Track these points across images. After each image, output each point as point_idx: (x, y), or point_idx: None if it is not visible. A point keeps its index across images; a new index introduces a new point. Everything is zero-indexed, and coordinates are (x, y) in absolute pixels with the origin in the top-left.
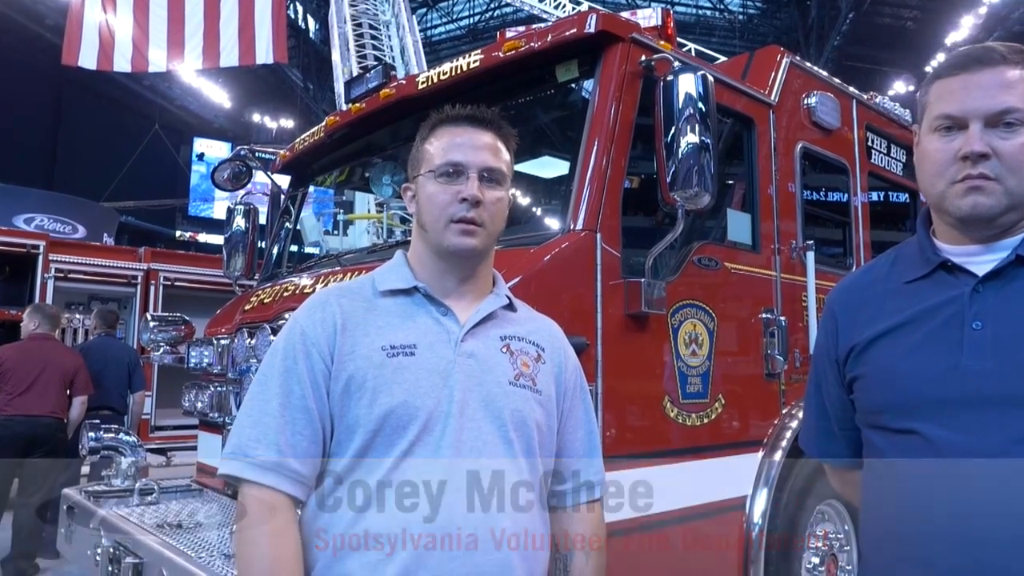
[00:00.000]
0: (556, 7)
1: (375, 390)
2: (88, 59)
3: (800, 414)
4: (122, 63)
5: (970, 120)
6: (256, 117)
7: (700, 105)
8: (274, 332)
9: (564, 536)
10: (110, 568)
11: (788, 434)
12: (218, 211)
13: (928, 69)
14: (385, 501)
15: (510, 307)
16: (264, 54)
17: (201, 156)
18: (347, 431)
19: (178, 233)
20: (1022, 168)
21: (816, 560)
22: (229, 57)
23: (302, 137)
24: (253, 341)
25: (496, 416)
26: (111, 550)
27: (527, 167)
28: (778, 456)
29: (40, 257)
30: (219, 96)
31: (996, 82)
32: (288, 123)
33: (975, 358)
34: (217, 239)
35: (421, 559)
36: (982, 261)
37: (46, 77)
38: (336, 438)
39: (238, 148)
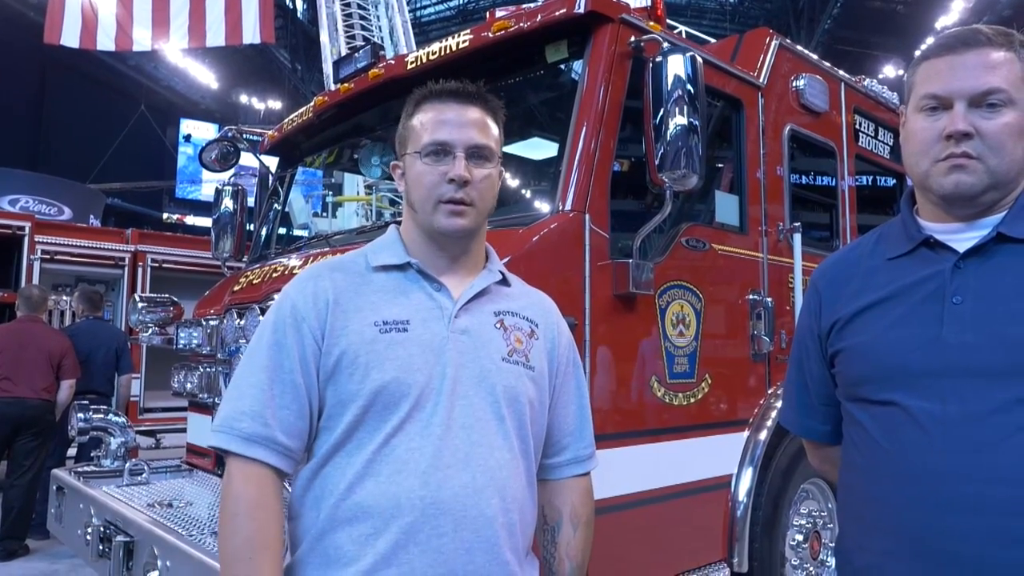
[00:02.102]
0: None
1: (367, 366)
2: (71, 37)
3: None
4: (106, 42)
5: (955, 100)
6: (243, 98)
7: (689, 87)
8: (263, 312)
9: (552, 508)
10: (101, 547)
11: (773, 414)
12: (206, 193)
13: (918, 53)
14: (376, 476)
15: (504, 282)
16: (251, 34)
17: (188, 137)
18: (339, 406)
19: (165, 215)
20: (1003, 148)
21: (800, 537)
22: (215, 37)
23: (290, 117)
24: (242, 322)
25: (489, 392)
26: (102, 529)
27: (517, 148)
28: (763, 436)
29: (26, 239)
30: (206, 77)
31: (981, 63)
32: (276, 104)
33: (955, 331)
34: (205, 221)
35: (411, 533)
36: (963, 238)
37: (30, 57)
38: (328, 412)
39: (226, 129)
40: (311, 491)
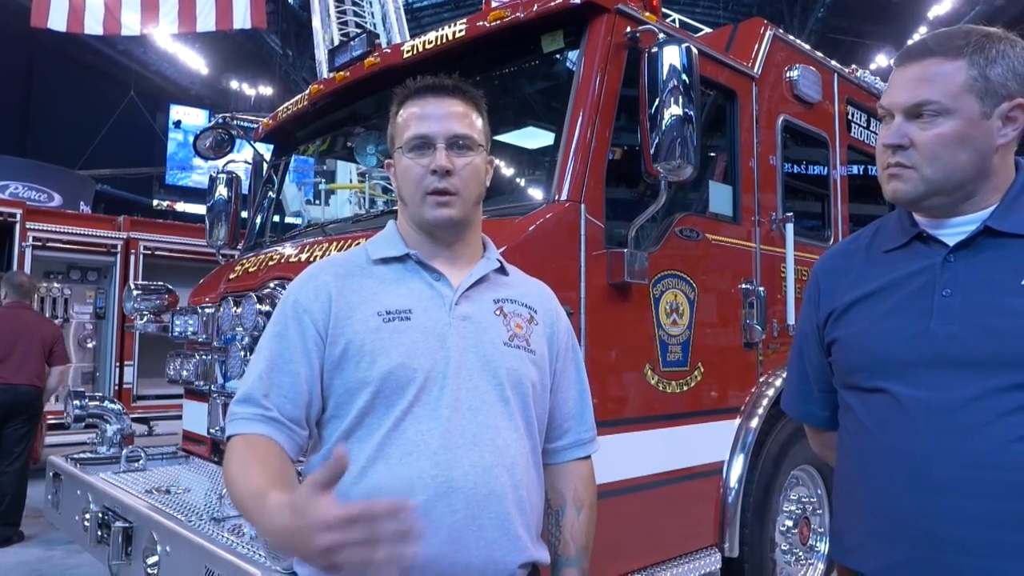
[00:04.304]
0: None
1: (373, 353)
2: (58, 21)
3: (777, 382)
4: (94, 26)
5: (894, 112)
6: (234, 84)
7: (684, 77)
8: (260, 300)
9: (556, 492)
10: (99, 533)
11: (765, 402)
12: (196, 179)
13: (910, 42)
14: (387, 459)
15: (502, 271)
16: (241, 19)
17: (178, 123)
18: (348, 394)
19: (155, 202)
20: (937, 157)
21: (790, 523)
22: (206, 22)
23: (285, 105)
24: (239, 310)
25: (493, 375)
26: (100, 515)
27: (512, 137)
28: (755, 423)
29: (17, 225)
30: (196, 62)
31: (917, 76)
32: (267, 90)
33: (943, 323)
34: (195, 208)
35: (424, 512)
36: (954, 233)
37: (17, 41)
38: (336, 401)
39: (219, 116)
40: None
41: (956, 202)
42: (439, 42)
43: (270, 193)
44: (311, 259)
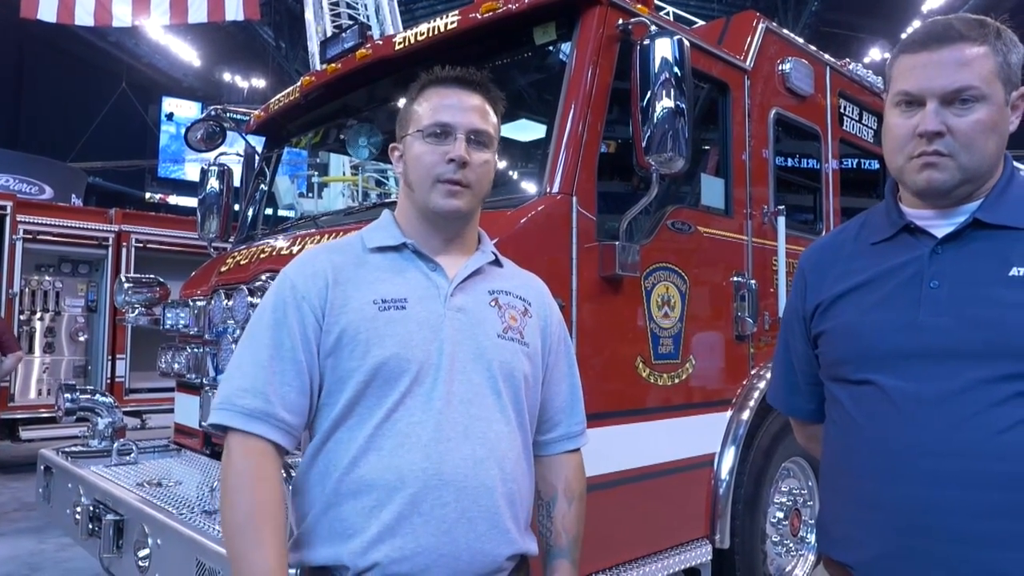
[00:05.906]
0: None
1: (367, 343)
2: (48, 12)
3: (769, 375)
4: (84, 17)
5: (927, 98)
6: (227, 76)
7: (676, 70)
8: (251, 293)
9: (547, 484)
10: (91, 526)
11: (756, 394)
12: (189, 172)
13: (906, 33)
14: (378, 450)
15: (496, 263)
16: (234, 10)
17: (170, 116)
18: (339, 382)
19: (147, 195)
20: (975, 144)
21: (781, 515)
22: (198, 13)
23: (277, 97)
24: (230, 302)
25: (485, 368)
26: (91, 508)
27: (504, 130)
28: (746, 415)
29: (8, 218)
30: (188, 54)
31: (952, 60)
32: (260, 82)
33: (931, 314)
34: (187, 201)
35: (414, 504)
36: (942, 224)
37: (7, 33)
38: (328, 389)
39: (211, 108)
40: (315, 467)
41: (974, 190)
42: (431, 34)
43: (262, 186)
44: (303, 252)
